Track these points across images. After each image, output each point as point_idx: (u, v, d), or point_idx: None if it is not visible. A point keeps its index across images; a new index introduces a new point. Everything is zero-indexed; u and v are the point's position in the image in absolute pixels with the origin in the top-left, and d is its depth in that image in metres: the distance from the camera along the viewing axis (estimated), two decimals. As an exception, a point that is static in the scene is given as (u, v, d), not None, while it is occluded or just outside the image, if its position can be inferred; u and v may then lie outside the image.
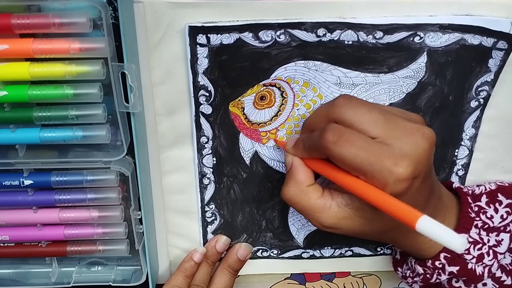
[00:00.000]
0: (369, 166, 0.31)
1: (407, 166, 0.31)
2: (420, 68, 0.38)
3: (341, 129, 0.32)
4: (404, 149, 0.31)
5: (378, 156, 0.31)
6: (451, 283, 0.39)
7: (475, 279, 0.37)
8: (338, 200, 0.35)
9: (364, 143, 0.31)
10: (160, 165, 0.42)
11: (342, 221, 0.35)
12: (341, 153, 0.31)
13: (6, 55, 0.34)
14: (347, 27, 0.36)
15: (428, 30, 0.36)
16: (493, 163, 0.43)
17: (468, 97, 0.40)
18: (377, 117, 0.32)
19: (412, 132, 0.32)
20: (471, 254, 0.37)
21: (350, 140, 0.31)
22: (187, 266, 0.44)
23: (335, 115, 0.33)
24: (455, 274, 0.37)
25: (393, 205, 0.31)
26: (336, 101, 0.34)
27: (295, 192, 0.36)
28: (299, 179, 0.36)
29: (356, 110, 0.33)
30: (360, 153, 0.31)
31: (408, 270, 0.41)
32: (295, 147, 0.37)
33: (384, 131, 0.32)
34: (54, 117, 0.36)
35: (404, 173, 0.31)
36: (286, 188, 0.36)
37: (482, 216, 0.38)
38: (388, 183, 0.31)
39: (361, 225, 0.35)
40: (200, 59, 0.37)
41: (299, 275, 0.49)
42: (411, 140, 0.32)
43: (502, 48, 0.37)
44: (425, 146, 0.32)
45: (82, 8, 0.33)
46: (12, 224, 0.41)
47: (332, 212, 0.35)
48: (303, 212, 0.36)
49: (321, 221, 0.35)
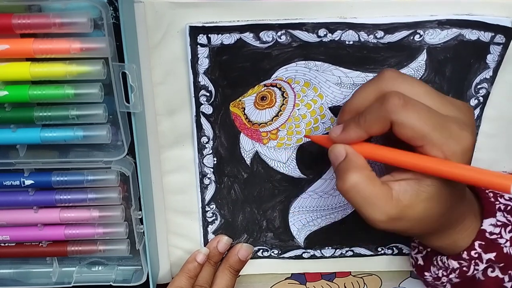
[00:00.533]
0: (438, 132, 0.30)
1: (472, 132, 0.31)
2: (420, 66, 0.38)
3: (405, 95, 0.31)
4: (462, 118, 0.31)
5: (445, 123, 0.30)
6: (487, 273, 0.38)
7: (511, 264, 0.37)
8: (396, 189, 0.32)
9: (430, 110, 0.31)
10: (161, 165, 0.42)
11: (404, 209, 0.32)
12: (411, 117, 0.30)
13: (7, 55, 0.34)
14: (348, 27, 0.36)
15: (427, 27, 0.36)
16: (493, 163, 0.43)
17: (468, 95, 0.40)
18: (429, 89, 0.32)
19: (461, 105, 0.32)
20: (504, 238, 0.36)
21: (418, 106, 0.30)
22: (191, 267, 0.44)
23: (388, 87, 0.32)
24: (493, 261, 0.36)
25: (483, 174, 0.29)
26: (384, 74, 0.33)
27: (359, 179, 0.32)
28: (361, 164, 0.33)
29: (408, 82, 0.32)
30: (430, 119, 0.30)
31: (440, 269, 0.39)
32: (345, 131, 0.33)
33: (439, 103, 0.31)
34: (54, 117, 0.36)
35: (471, 139, 0.31)
36: (347, 176, 0.32)
37: (500, 199, 0.38)
38: (456, 151, 0.30)
39: (422, 210, 0.32)
40: (201, 59, 0.37)
41: (300, 275, 0.49)
42: (463, 111, 0.32)
43: (499, 43, 0.37)
44: (472, 117, 0.32)
45: (83, 8, 0.33)
46: (13, 224, 0.41)
47: (395, 200, 0.32)
48: (365, 202, 0.32)
49: (386, 210, 0.32)
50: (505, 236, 0.37)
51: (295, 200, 0.44)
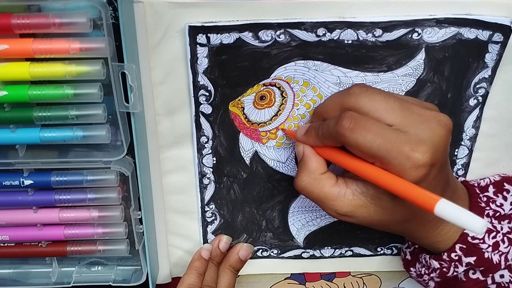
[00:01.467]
0: (386, 152, 0.31)
1: (424, 152, 0.30)
2: (419, 65, 0.38)
3: (357, 116, 0.32)
4: (421, 135, 0.31)
5: (395, 143, 0.31)
6: (468, 275, 0.38)
7: (492, 268, 0.37)
8: (352, 188, 0.34)
9: (380, 129, 0.31)
10: (160, 165, 0.42)
11: (357, 209, 0.34)
12: (358, 140, 0.31)
13: (6, 55, 0.34)
14: (346, 26, 0.36)
15: (425, 25, 0.36)
16: (493, 163, 0.43)
17: (467, 95, 0.40)
18: (393, 104, 0.32)
19: (429, 119, 0.32)
20: (486, 243, 0.37)
21: (366, 127, 0.31)
22: (198, 264, 0.44)
23: (350, 103, 0.33)
24: (472, 265, 0.37)
25: (411, 189, 0.30)
26: (351, 89, 0.33)
27: (308, 181, 0.35)
28: (312, 167, 0.35)
29: (371, 98, 0.32)
30: (377, 139, 0.31)
31: (423, 267, 0.41)
32: (306, 135, 0.36)
33: (401, 119, 0.32)
34: (54, 117, 0.36)
35: (421, 159, 0.30)
36: (299, 178, 0.36)
37: (492, 205, 0.38)
38: (405, 170, 0.30)
39: (376, 213, 0.34)
40: (200, 59, 0.37)
41: (299, 275, 0.49)
42: (428, 127, 0.31)
43: (498, 41, 0.37)
44: (442, 133, 0.32)
45: (82, 8, 0.33)
46: (12, 224, 0.41)
47: (347, 200, 0.34)
48: (317, 201, 0.35)
49: (336, 209, 0.34)
50: (488, 242, 0.37)
51: (295, 200, 0.44)
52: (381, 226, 0.36)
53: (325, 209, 0.35)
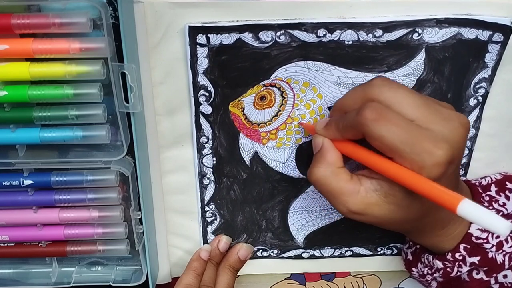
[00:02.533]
0: (409, 147, 0.30)
1: (447, 149, 0.30)
2: (419, 65, 0.38)
3: (381, 107, 0.31)
4: (443, 133, 0.31)
5: (418, 138, 0.30)
6: (472, 275, 0.38)
7: (496, 268, 0.37)
8: (366, 186, 0.34)
9: (404, 123, 0.31)
10: (160, 165, 0.42)
11: (369, 207, 0.33)
12: (381, 131, 0.30)
13: (6, 55, 0.34)
14: (347, 26, 0.36)
15: (425, 26, 0.36)
16: (493, 163, 0.43)
17: (467, 95, 0.40)
18: (416, 99, 0.32)
19: (450, 118, 0.32)
20: (490, 243, 0.37)
21: (390, 119, 0.31)
22: (197, 265, 0.44)
23: (372, 95, 0.32)
24: (477, 265, 0.37)
25: (434, 188, 0.30)
26: (374, 81, 0.33)
27: (325, 173, 0.34)
28: (330, 159, 0.34)
29: (395, 91, 0.32)
30: (400, 132, 0.30)
31: (425, 267, 0.40)
32: (326, 127, 0.35)
33: (423, 114, 0.31)
34: (54, 117, 0.36)
35: (443, 156, 0.30)
36: (315, 169, 0.35)
37: (494, 204, 0.38)
38: (426, 166, 0.30)
39: (388, 212, 0.33)
40: (200, 59, 0.37)
41: (299, 275, 0.49)
42: (450, 125, 0.31)
43: (498, 41, 0.37)
44: (462, 133, 0.31)
45: (82, 8, 0.33)
46: (12, 224, 0.41)
47: (360, 197, 0.33)
48: (330, 195, 0.34)
49: (348, 205, 0.34)
50: (492, 242, 0.37)
51: (295, 200, 0.44)
52: (390, 224, 0.35)
53: (336, 205, 0.34)
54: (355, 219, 0.34)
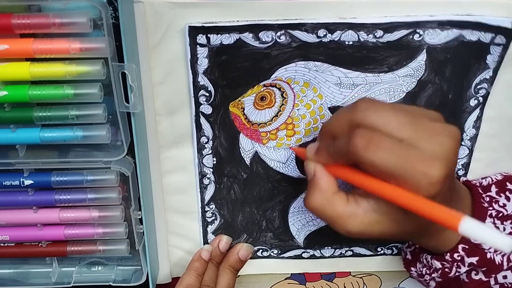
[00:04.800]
0: (402, 170, 0.30)
1: (440, 167, 0.30)
2: (420, 66, 0.38)
3: (370, 133, 0.31)
4: (433, 150, 0.30)
5: (410, 160, 0.30)
6: (471, 276, 0.38)
7: (494, 269, 0.37)
8: (363, 206, 0.33)
9: (394, 146, 0.30)
10: (160, 165, 0.42)
11: (369, 227, 0.33)
12: (372, 158, 0.30)
13: (7, 55, 0.34)
14: (347, 27, 0.36)
15: (427, 27, 0.36)
16: (493, 163, 0.43)
17: (468, 95, 0.40)
18: (402, 119, 0.31)
19: (438, 132, 0.31)
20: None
21: (380, 144, 0.30)
22: (198, 265, 0.44)
23: (358, 119, 0.32)
24: (475, 265, 0.37)
25: (433, 209, 0.30)
26: (358, 104, 0.32)
27: (321, 202, 0.34)
28: (324, 187, 0.34)
29: (380, 113, 0.31)
30: (392, 157, 0.30)
31: (424, 267, 0.40)
32: (317, 154, 0.35)
33: (411, 133, 0.31)
34: (54, 117, 0.36)
35: (438, 175, 0.30)
36: (311, 198, 0.35)
37: (494, 205, 0.38)
38: (422, 186, 0.30)
39: (388, 228, 0.33)
40: (200, 59, 0.37)
41: (299, 275, 0.49)
42: (439, 140, 0.31)
43: (500, 43, 0.37)
44: (452, 145, 0.31)
45: (83, 8, 0.33)
46: (12, 224, 0.41)
47: (359, 219, 0.33)
48: (329, 221, 0.34)
49: (348, 228, 0.33)
50: None
51: (295, 200, 0.44)
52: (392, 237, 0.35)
53: (336, 229, 0.34)
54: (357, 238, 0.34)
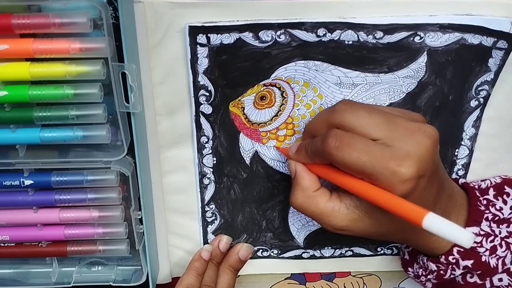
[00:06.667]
0: (372, 168, 0.31)
1: (410, 166, 0.31)
2: (420, 68, 0.38)
3: (342, 134, 0.32)
4: (406, 149, 0.31)
5: (380, 158, 0.31)
6: (466, 279, 0.38)
7: (489, 272, 0.37)
8: (346, 202, 0.35)
9: (365, 146, 0.31)
10: (160, 165, 0.42)
11: (352, 222, 0.35)
12: (343, 158, 0.32)
13: (6, 55, 0.34)
14: (347, 27, 0.36)
15: (428, 30, 0.36)
16: (493, 163, 0.43)
17: (468, 97, 0.40)
18: (377, 119, 0.32)
19: (414, 131, 0.32)
20: (484, 247, 0.37)
21: (351, 144, 0.31)
22: (198, 265, 0.44)
23: (336, 120, 0.33)
24: (470, 268, 0.37)
25: (398, 204, 0.30)
26: (336, 106, 0.34)
27: (303, 199, 0.36)
28: (305, 185, 0.36)
29: (356, 114, 0.33)
30: (362, 156, 0.31)
31: (420, 268, 0.41)
32: (297, 153, 0.37)
33: (386, 133, 0.32)
34: (54, 117, 0.36)
35: (407, 173, 0.31)
36: (293, 196, 0.37)
37: (491, 208, 0.38)
38: (393, 184, 0.31)
39: (371, 226, 0.35)
40: (200, 59, 0.37)
41: (299, 275, 0.49)
42: (413, 139, 0.32)
43: (502, 48, 0.37)
44: (427, 144, 0.32)
45: (83, 8, 0.33)
46: (12, 224, 0.41)
47: (342, 214, 0.35)
48: (313, 217, 0.36)
49: (332, 224, 0.35)
50: (485, 246, 0.37)
51: (295, 200, 0.44)
52: (379, 236, 0.36)
53: (322, 225, 0.36)
54: (344, 233, 0.36)
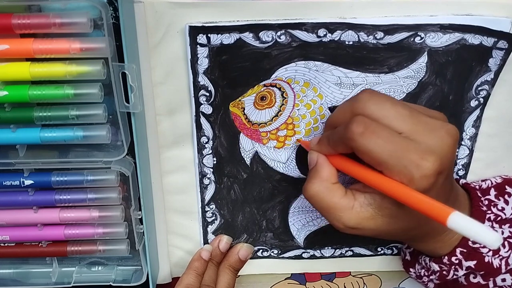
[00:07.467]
0: (396, 159, 0.30)
1: (434, 161, 0.30)
2: (421, 68, 0.38)
3: (367, 121, 0.31)
4: (430, 144, 0.31)
5: (404, 150, 0.30)
6: (469, 279, 0.38)
7: (492, 273, 0.37)
8: (360, 200, 0.34)
9: (390, 136, 0.31)
10: (161, 165, 0.42)
11: (364, 221, 0.34)
12: (368, 145, 0.31)
13: (7, 55, 0.34)
14: (347, 27, 0.36)
15: (428, 30, 0.36)
16: (493, 163, 0.43)
17: (468, 97, 0.40)
18: (402, 112, 0.32)
19: (437, 128, 0.32)
20: (487, 247, 0.37)
21: (376, 132, 0.31)
22: (197, 265, 0.44)
23: (359, 109, 0.32)
24: (473, 269, 0.37)
25: (423, 201, 0.30)
26: (360, 95, 0.33)
27: (319, 189, 0.35)
28: (325, 175, 0.35)
29: (381, 104, 0.32)
30: (387, 145, 0.30)
31: (422, 269, 0.41)
32: (319, 143, 0.36)
33: (409, 126, 0.31)
34: (54, 117, 0.36)
35: (431, 168, 0.30)
36: (310, 184, 0.35)
37: (493, 209, 0.38)
38: (414, 178, 0.30)
39: (383, 224, 0.34)
40: (201, 59, 0.37)
41: (300, 275, 0.49)
42: (436, 136, 0.31)
43: (502, 48, 0.37)
44: (449, 142, 0.31)
45: (83, 8, 0.33)
46: (13, 224, 0.41)
47: (355, 212, 0.34)
48: (325, 210, 0.35)
49: (343, 220, 0.34)
50: None
51: (295, 200, 0.44)
52: (386, 235, 0.35)
53: (331, 221, 0.35)
54: (351, 233, 0.35)
